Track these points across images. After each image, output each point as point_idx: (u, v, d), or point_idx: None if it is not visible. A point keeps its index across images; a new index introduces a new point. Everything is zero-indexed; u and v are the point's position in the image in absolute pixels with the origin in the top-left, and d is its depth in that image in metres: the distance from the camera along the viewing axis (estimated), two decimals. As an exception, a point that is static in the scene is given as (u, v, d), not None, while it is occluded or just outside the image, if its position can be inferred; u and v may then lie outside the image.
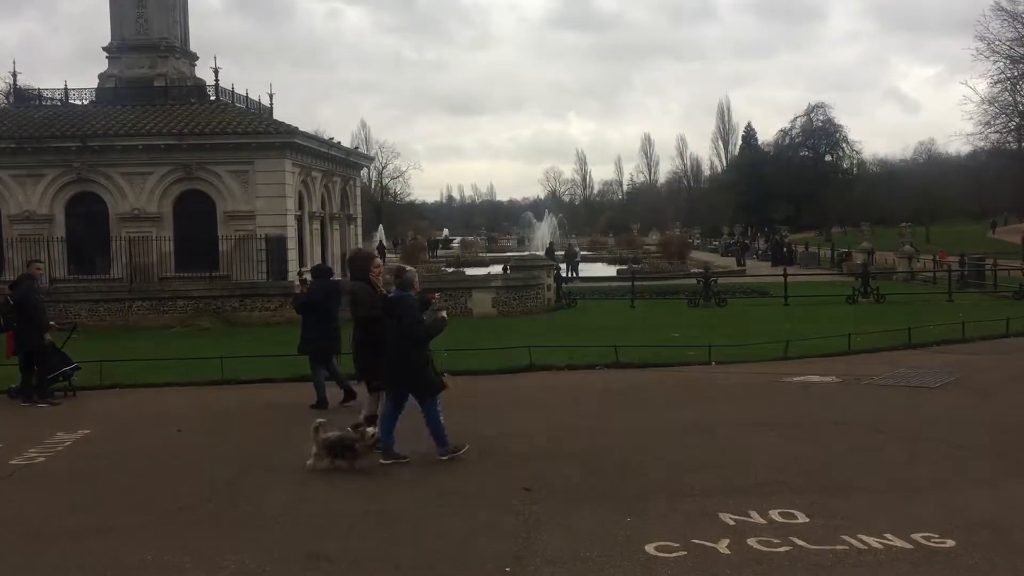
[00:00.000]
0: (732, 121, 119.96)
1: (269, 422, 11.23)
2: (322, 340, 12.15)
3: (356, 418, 9.81)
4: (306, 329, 12.36)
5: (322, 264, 14.48)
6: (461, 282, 27.54)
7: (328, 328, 12.30)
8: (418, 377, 8.99)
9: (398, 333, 8.89)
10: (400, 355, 8.93)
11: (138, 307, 25.78)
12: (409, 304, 9.06)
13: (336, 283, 13.42)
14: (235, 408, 12.30)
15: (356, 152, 38.62)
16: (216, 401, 12.95)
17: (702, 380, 14.25)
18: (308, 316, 12.39)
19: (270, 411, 12.02)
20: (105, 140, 29.21)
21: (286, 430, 10.64)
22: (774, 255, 54.30)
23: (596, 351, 16.78)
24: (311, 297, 12.39)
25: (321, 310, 12.23)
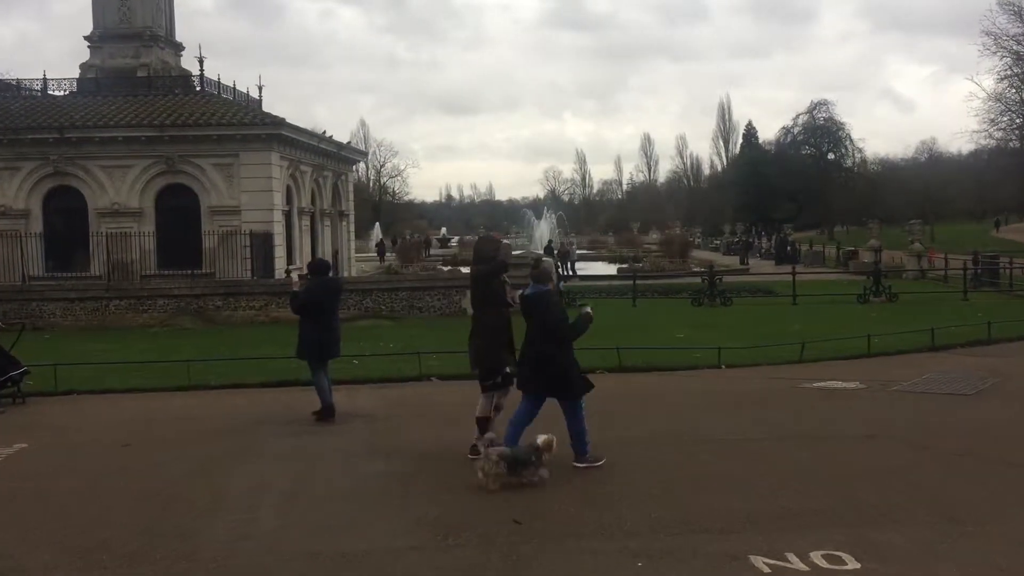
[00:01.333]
0: (733, 120, 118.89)
1: (230, 434, 10.00)
2: (324, 343, 10.88)
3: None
4: (305, 330, 10.94)
5: (320, 259, 13.16)
6: (455, 280, 26.27)
7: (330, 329, 11.02)
8: (566, 379, 8.26)
9: (540, 333, 8.12)
10: (546, 356, 8.16)
11: (115, 306, 24.51)
12: (551, 301, 8.32)
13: (337, 280, 12.19)
14: (197, 418, 11.05)
15: (348, 146, 37.32)
16: (178, 410, 11.71)
17: (713, 385, 13.03)
18: (307, 316, 10.99)
19: (235, 421, 10.77)
20: (83, 132, 27.98)
21: (246, 445, 9.42)
22: (778, 254, 53.10)
23: (596, 353, 15.52)
24: (311, 296, 11.01)
25: (321, 309, 10.92)
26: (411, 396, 12.51)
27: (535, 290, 8.36)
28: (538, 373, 8.22)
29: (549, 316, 8.19)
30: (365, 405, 11.76)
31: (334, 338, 11.08)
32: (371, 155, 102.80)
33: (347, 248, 39.19)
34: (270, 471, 8.18)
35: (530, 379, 8.31)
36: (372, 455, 8.72)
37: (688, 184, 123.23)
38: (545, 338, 8.17)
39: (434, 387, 13.39)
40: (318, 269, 11.52)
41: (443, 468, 8.15)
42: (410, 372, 14.22)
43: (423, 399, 12.24)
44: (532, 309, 8.27)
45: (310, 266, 11.88)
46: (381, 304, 24.91)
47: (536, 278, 8.43)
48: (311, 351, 10.87)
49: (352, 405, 11.67)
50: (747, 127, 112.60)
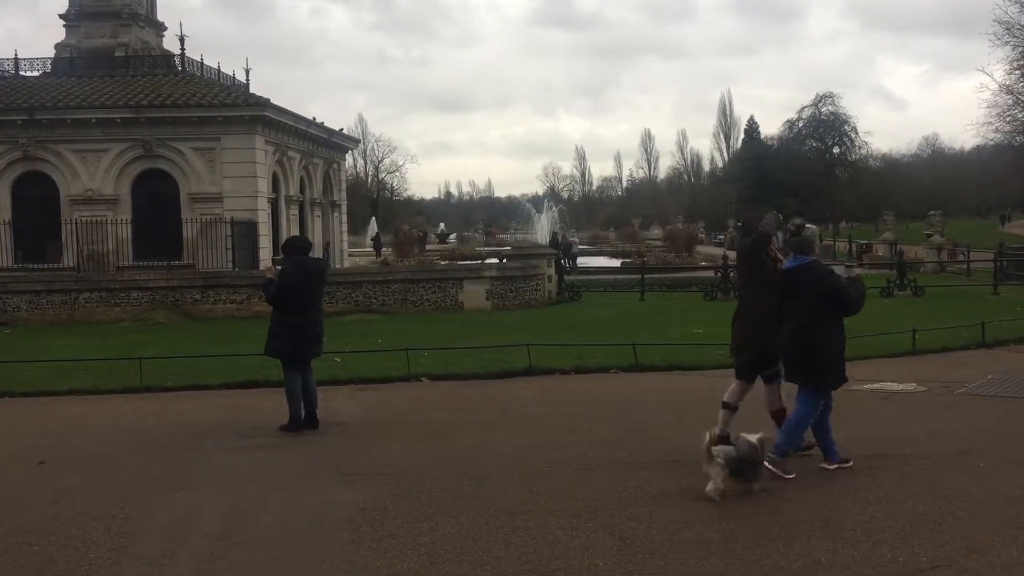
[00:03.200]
0: (734, 115, 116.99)
1: (170, 449, 8.21)
2: (301, 338, 8.96)
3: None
4: (279, 324, 9.02)
5: (298, 236, 10.65)
6: (451, 272, 24.56)
7: (309, 321, 9.08)
8: (829, 365, 7.12)
9: (808, 311, 7.01)
10: (816, 338, 7.03)
11: (85, 299, 22.71)
12: (823, 272, 7.23)
13: (318, 262, 10.06)
14: (138, 428, 9.27)
15: (340, 133, 35.48)
16: (120, 417, 9.93)
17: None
18: (283, 307, 9.05)
19: (182, 431, 8.99)
20: (54, 113, 26.19)
21: (185, 464, 7.63)
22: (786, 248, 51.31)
23: (608, 350, 13.82)
24: (288, 281, 8.99)
25: (300, 298, 9.01)
26: (396, 399, 10.73)
27: (798, 262, 7.19)
28: (807, 357, 7.07)
29: (825, 289, 7.02)
30: (341, 410, 9.99)
31: (315, 334, 9.17)
32: (369, 150, 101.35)
33: (340, 240, 37.42)
34: (205, 501, 6.40)
35: (797, 365, 7.17)
36: (339, 478, 6.92)
37: (689, 180, 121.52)
38: (814, 317, 7.01)
39: (424, 388, 11.63)
40: (295, 248, 9.42)
41: (425, 498, 6.36)
42: (397, 371, 12.46)
43: (410, 403, 10.48)
44: (798, 284, 7.09)
45: (285, 246, 9.71)
46: (372, 297, 23.14)
47: (797, 247, 7.23)
48: (286, 349, 8.98)
49: (326, 410, 9.90)
50: (749, 122, 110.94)
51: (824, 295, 7.02)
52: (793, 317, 7.13)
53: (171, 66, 29.65)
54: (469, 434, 8.49)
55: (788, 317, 7.19)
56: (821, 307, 7.03)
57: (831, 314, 7.08)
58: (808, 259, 7.21)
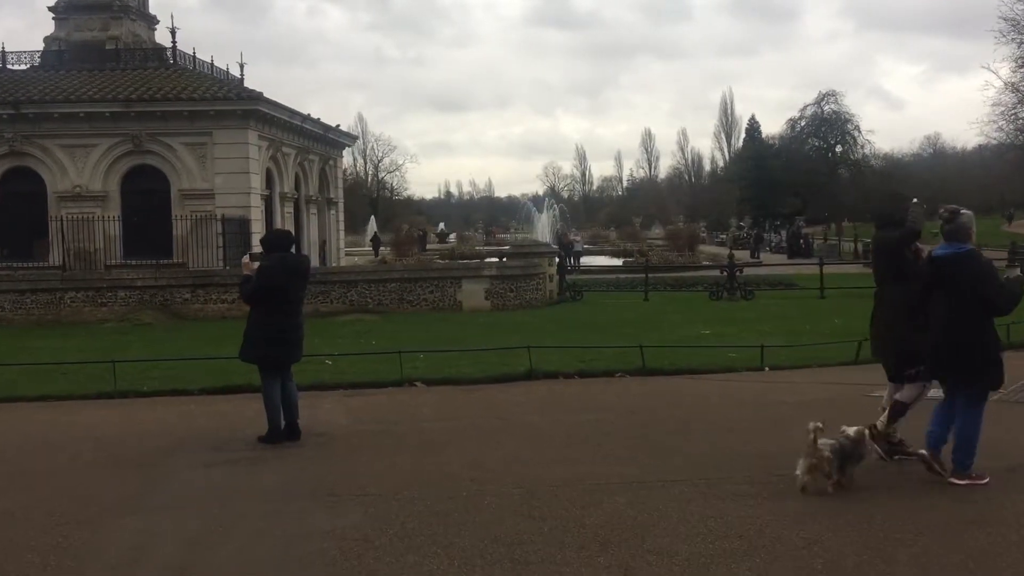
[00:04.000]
0: (735, 115, 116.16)
1: (134, 464, 7.44)
2: (282, 341, 8.17)
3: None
4: (257, 325, 8.22)
5: (280, 230, 9.64)
6: (449, 271, 23.83)
7: (291, 323, 8.27)
8: (985, 363, 6.48)
9: (960, 304, 6.44)
10: (970, 335, 6.44)
11: (71, 299, 21.98)
12: (981, 262, 6.57)
13: (302, 259, 9.20)
14: (104, 438, 8.50)
15: (336, 129, 34.70)
16: (87, 426, 9.16)
17: (765, 394, 10.51)
18: (262, 306, 8.23)
19: (151, 443, 8.24)
20: (41, 107, 25.44)
21: (147, 482, 6.85)
22: (790, 247, 50.61)
23: (613, 352, 13.08)
24: (269, 278, 8.15)
25: (281, 297, 8.18)
26: (387, 406, 9.98)
27: (952, 249, 6.54)
28: (959, 356, 6.49)
29: (983, 282, 6.41)
30: (326, 419, 9.24)
31: (296, 337, 8.35)
32: (368, 150, 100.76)
33: (336, 238, 36.65)
34: (163, 528, 5.63)
35: (948, 364, 6.57)
36: (316, 500, 6.15)
37: (689, 179, 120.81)
38: (965, 311, 6.43)
39: (417, 394, 10.87)
40: (276, 243, 8.48)
41: (412, 525, 5.58)
42: (390, 375, 11.71)
43: (401, 410, 9.72)
44: (951, 274, 6.49)
45: (265, 240, 8.70)
46: (368, 297, 22.43)
47: (951, 234, 6.56)
48: (264, 352, 8.18)
49: (310, 418, 9.15)
50: (750, 121, 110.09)
51: (979, 288, 6.40)
52: (940, 310, 6.56)
53: (163, 59, 28.89)
54: (464, 447, 7.74)
55: (933, 311, 6.63)
56: (972, 300, 6.42)
57: (981, 309, 6.46)
58: (964, 247, 6.53)
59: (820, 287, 25.11)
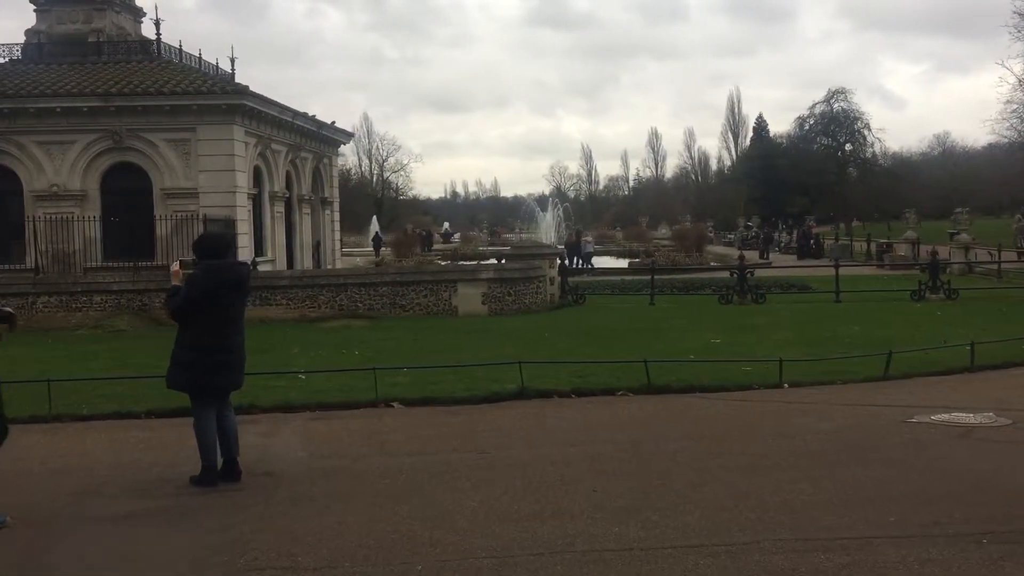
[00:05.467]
0: (742, 114, 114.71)
1: (27, 520, 6.13)
2: (217, 366, 6.90)
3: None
4: (187, 346, 6.91)
5: (214, 233, 7.83)
6: (444, 274, 22.57)
7: (228, 344, 6.97)
8: None
9: None
10: None
11: (44, 304, 20.77)
12: None
13: (240, 267, 7.52)
14: (12, 482, 7.21)
15: (331, 126, 33.41)
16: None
17: (787, 419, 9.20)
18: (192, 324, 6.91)
19: (66, 485, 6.97)
20: (15, 102, 24.25)
21: (30, 548, 5.58)
22: (800, 248, 49.22)
23: (615, 368, 11.79)
24: (200, 289, 6.84)
25: (215, 313, 6.87)
26: (354, 435, 8.68)
27: None
28: None
29: None
30: (280, 451, 7.98)
31: (235, 360, 7.05)
32: (373, 149, 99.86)
33: (331, 239, 35.43)
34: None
35: None
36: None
37: (696, 179, 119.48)
38: None
39: (392, 418, 9.58)
40: (209, 248, 7.11)
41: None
42: (365, 394, 10.45)
43: (369, 439, 8.42)
44: None
45: (197, 244, 7.23)
46: (358, 301, 21.18)
47: None
48: (196, 379, 6.90)
49: (263, 450, 7.91)
50: (758, 120, 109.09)
51: None
52: None
53: (147, 53, 27.68)
54: (432, 493, 6.45)
55: None
56: None
57: None
58: None
59: (836, 290, 23.77)
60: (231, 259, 7.21)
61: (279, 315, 20.73)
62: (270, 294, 20.88)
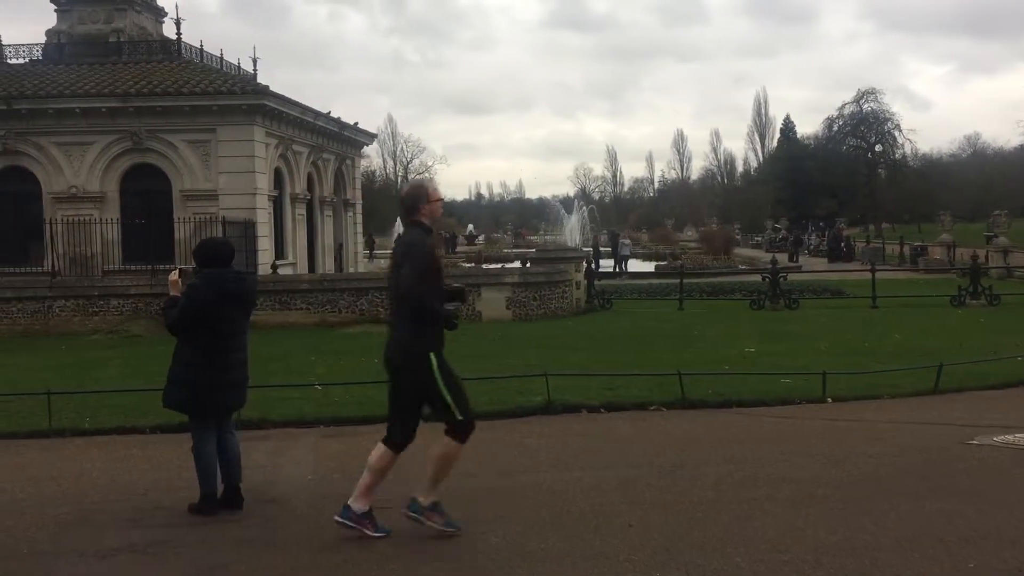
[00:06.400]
0: (769, 115, 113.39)
1: (6, 551, 5.62)
2: (217, 384, 6.32)
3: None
4: (185, 362, 6.35)
5: (215, 239, 7.25)
6: (468, 278, 21.93)
7: (229, 360, 6.40)
8: None
9: None
10: None
11: (60, 307, 20.41)
12: None
13: (246, 278, 6.82)
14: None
15: (354, 127, 32.93)
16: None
17: (836, 440, 8.51)
18: (192, 339, 6.36)
19: (54, 514, 6.44)
20: (34, 102, 23.94)
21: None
22: (831, 250, 48.24)
23: (648, 381, 11.15)
24: (196, 302, 6.33)
25: (216, 327, 6.33)
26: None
27: None
28: None
29: None
30: (289, 473, 7.42)
31: (238, 378, 6.47)
32: (398, 151, 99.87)
33: (353, 242, 34.97)
34: None
35: None
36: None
37: (722, 181, 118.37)
38: None
39: (410, 434, 8.99)
40: (210, 256, 6.52)
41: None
42: (382, 407, 9.82)
43: (385, 460, 7.84)
44: None
45: (198, 252, 6.63)
46: (379, 306, 20.62)
47: None
48: (195, 399, 6.30)
49: (270, 472, 7.35)
50: (785, 121, 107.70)
51: None
52: None
53: (168, 53, 27.33)
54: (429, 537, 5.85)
55: None
56: None
57: None
58: None
59: (872, 296, 22.98)
60: (235, 268, 6.62)
61: (299, 320, 20.25)
62: (289, 298, 20.40)
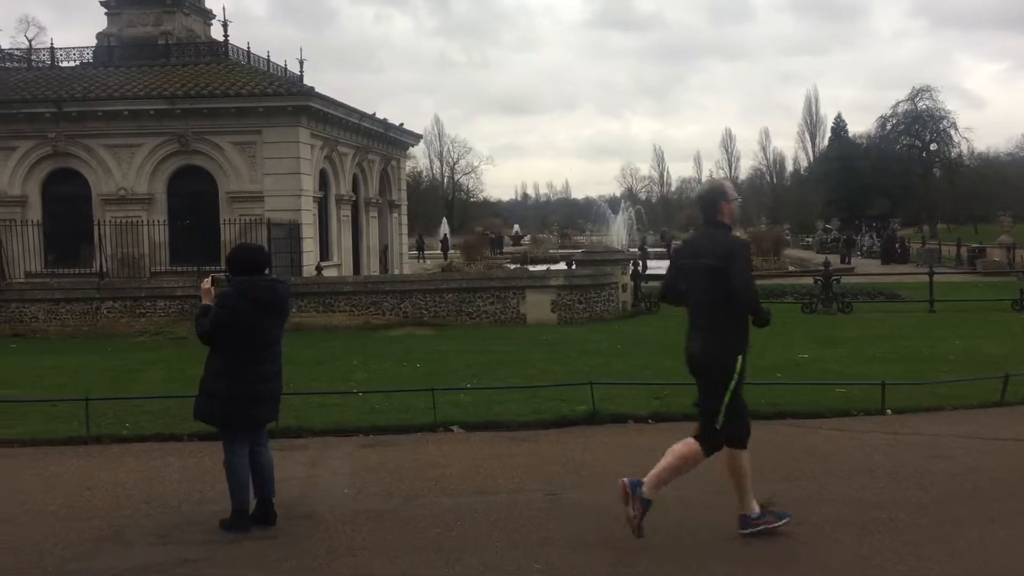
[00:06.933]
0: (819, 114, 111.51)
1: (33, 571, 5.46)
2: (250, 397, 6.11)
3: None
4: (217, 375, 6.16)
5: (247, 245, 6.94)
6: (512, 280, 21.69)
7: (263, 371, 6.18)
8: None
9: None
10: None
11: (108, 309, 20.55)
12: None
13: (279, 285, 6.47)
14: (20, 519, 6.55)
15: (399, 128, 32.84)
16: (12, 495, 7.21)
17: (900, 457, 8.06)
18: (224, 348, 6.16)
19: (82, 529, 6.28)
20: (84, 105, 24.16)
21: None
22: (885, 252, 47.12)
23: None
24: (228, 311, 6.08)
25: (247, 337, 6.11)
26: (408, 467, 7.83)
27: None
28: None
29: None
30: (325, 486, 7.19)
31: (271, 390, 6.22)
32: (444, 152, 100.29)
33: (399, 243, 34.92)
34: None
35: None
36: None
37: (771, 180, 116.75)
38: None
39: (451, 445, 8.73)
40: (243, 263, 6.23)
41: None
42: (424, 415, 9.64)
43: (423, 474, 7.56)
44: None
45: (232, 259, 6.34)
46: (423, 308, 20.47)
47: None
48: (227, 411, 6.08)
49: (306, 484, 7.13)
50: (836, 120, 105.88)
51: None
52: None
53: (216, 55, 27.46)
54: (494, 550, 5.56)
55: None
56: None
57: None
58: None
59: (930, 299, 22.23)
60: (268, 276, 6.39)
61: (343, 322, 20.14)
62: (333, 300, 20.31)
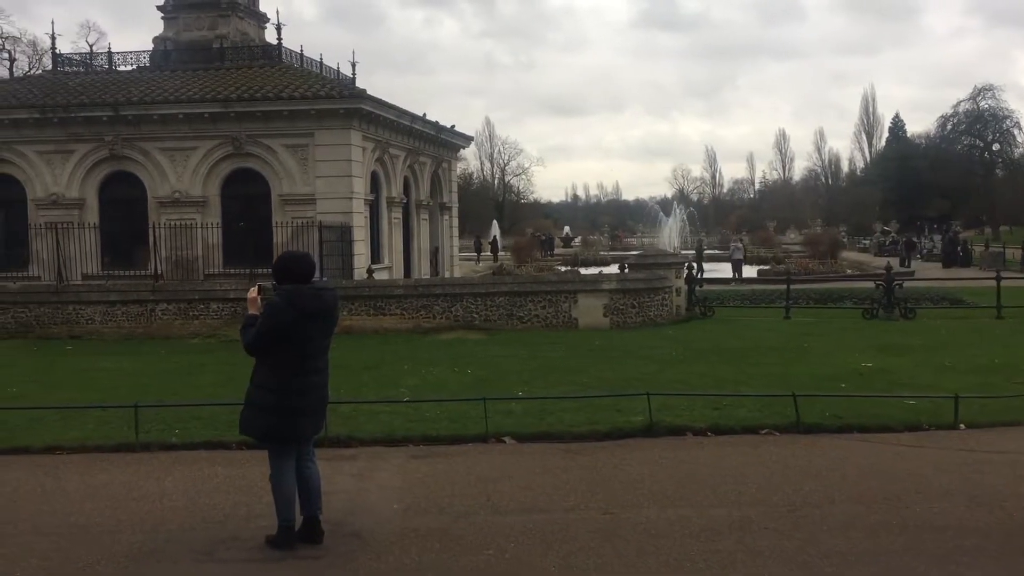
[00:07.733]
0: (876, 114, 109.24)
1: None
2: (298, 409, 5.92)
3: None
4: (263, 386, 5.92)
5: (295, 252, 6.64)
6: (564, 284, 21.37)
7: (310, 382, 5.98)
8: None
9: None
10: None
11: (163, 311, 20.66)
12: None
13: (324, 294, 6.15)
14: (64, 530, 6.44)
15: (450, 130, 32.71)
16: (58, 503, 7.12)
17: (971, 475, 7.64)
18: (270, 359, 5.94)
19: (123, 543, 6.15)
20: (140, 108, 24.37)
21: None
22: (946, 255, 45.84)
23: (759, 402, 10.37)
24: (274, 321, 5.87)
25: (296, 347, 5.89)
26: (461, 480, 7.60)
27: None
28: None
29: None
30: (373, 500, 6.98)
31: (318, 401, 6.05)
32: (495, 153, 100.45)
33: (449, 245, 34.79)
34: None
35: None
36: None
37: (826, 181, 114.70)
38: None
39: (503, 457, 8.48)
40: (289, 271, 6.04)
41: None
42: (475, 425, 9.40)
43: (475, 488, 7.32)
44: None
45: (277, 267, 6.15)
46: (474, 312, 20.25)
47: None
48: (273, 424, 5.88)
49: (355, 498, 6.93)
50: (894, 120, 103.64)
51: None
52: None
53: (269, 58, 27.56)
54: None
55: None
56: None
57: None
58: None
59: (997, 305, 21.46)
60: (315, 284, 6.20)
61: (393, 325, 20.02)
62: (384, 303, 20.19)
